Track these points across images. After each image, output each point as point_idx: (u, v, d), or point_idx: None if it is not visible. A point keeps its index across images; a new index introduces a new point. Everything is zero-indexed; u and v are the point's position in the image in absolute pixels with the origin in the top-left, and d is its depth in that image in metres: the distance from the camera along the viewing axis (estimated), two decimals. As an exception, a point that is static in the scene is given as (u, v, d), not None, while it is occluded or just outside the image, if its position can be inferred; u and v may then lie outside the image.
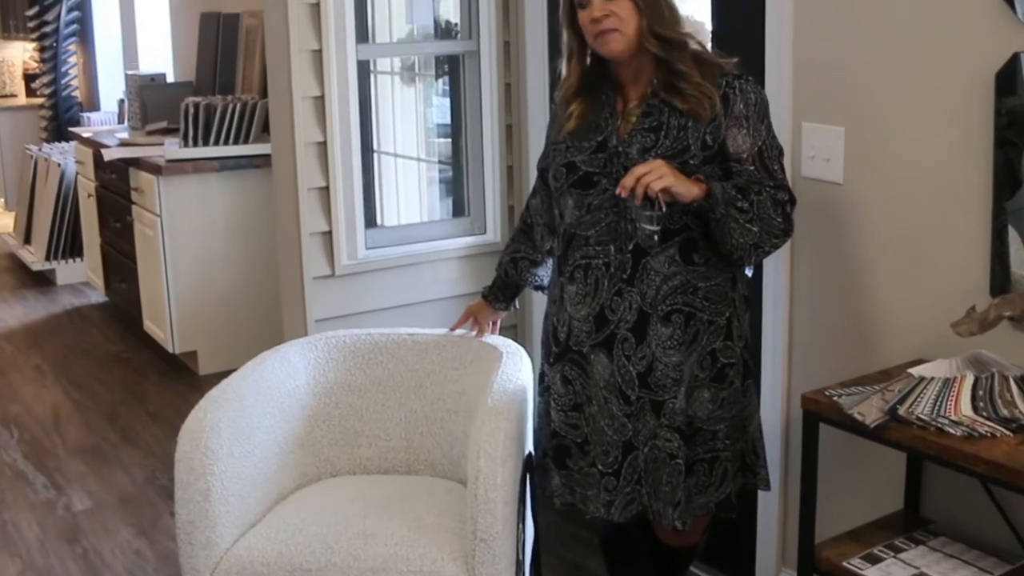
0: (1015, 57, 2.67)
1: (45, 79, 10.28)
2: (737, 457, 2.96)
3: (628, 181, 2.66)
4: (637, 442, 2.87)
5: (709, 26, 3.61)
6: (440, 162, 5.10)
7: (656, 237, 2.75)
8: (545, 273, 3.24)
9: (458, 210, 4.62)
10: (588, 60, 2.91)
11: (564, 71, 2.97)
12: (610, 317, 2.86)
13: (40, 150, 8.61)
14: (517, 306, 3.46)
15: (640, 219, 2.74)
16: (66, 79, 10.25)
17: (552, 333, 3.02)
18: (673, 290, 2.81)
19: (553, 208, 3.05)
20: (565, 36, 2.92)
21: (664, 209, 2.69)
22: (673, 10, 2.82)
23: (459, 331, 3.51)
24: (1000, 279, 2.77)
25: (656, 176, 2.64)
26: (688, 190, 2.68)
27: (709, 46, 2.99)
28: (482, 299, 3.45)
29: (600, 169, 2.85)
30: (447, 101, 4.73)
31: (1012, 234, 2.74)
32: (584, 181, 2.87)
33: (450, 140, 4.70)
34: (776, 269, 3.37)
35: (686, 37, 2.81)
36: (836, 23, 3.13)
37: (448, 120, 4.70)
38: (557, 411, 3.01)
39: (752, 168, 2.78)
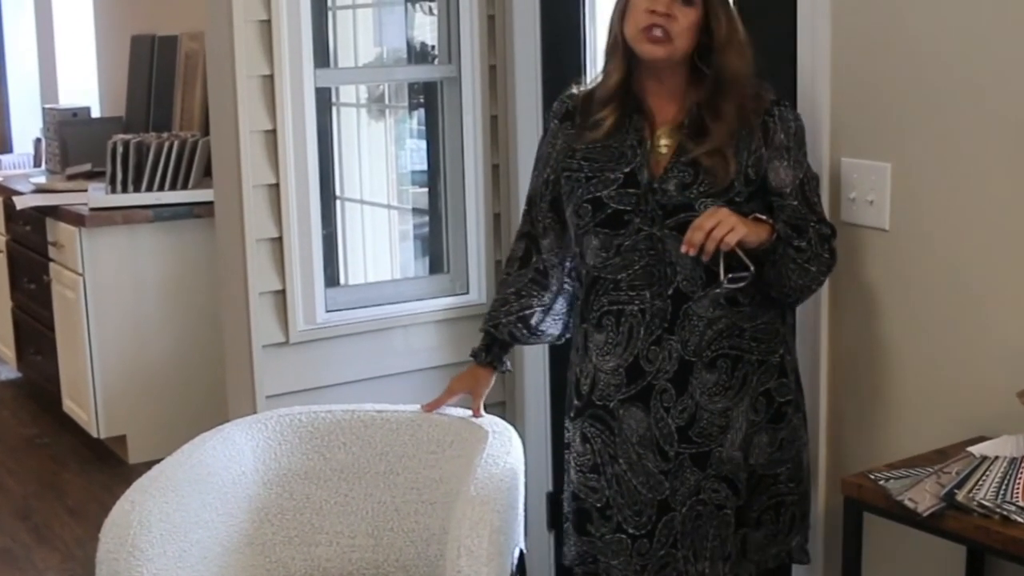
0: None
1: (-53, 115, 10.32)
2: (804, 499, 3.09)
3: (696, 238, 2.73)
4: (674, 502, 2.96)
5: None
6: (414, 209, 5.13)
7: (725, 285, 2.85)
8: (553, 323, 3.27)
9: (436, 266, 4.64)
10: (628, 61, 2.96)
11: (603, 67, 3.02)
12: (646, 368, 2.94)
13: (-59, 199, 8.64)
14: (510, 366, 3.47)
15: (726, 280, 2.83)
16: (-28, 115, 10.30)
17: (575, 385, 3.10)
18: (718, 335, 2.92)
19: (567, 244, 3.12)
20: (612, 25, 2.96)
21: (752, 269, 2.81)
22: (742, 40, 2.92)
23: (456, 411, 3.48)
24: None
25: (727, 229, 2.72)
26: (758, 235, 2.80)
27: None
28: (478, 366, 3.42)
29: (632, 207, 2.91)
30: (422, 138, 4.76)
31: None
32: (613, 220, 2.93)
33: (426, 183, 4.72)
34: (813, 331, 3.38)
35: (743, 74, 2.90)
36: (881, 43, 3.16)
37: (423, 160, 4.73)
38: (576, 471, 3.09)
39: (795, 203, 2.88)
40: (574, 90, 3.14)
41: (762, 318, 2.98)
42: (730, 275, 2.81)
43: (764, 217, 2.84)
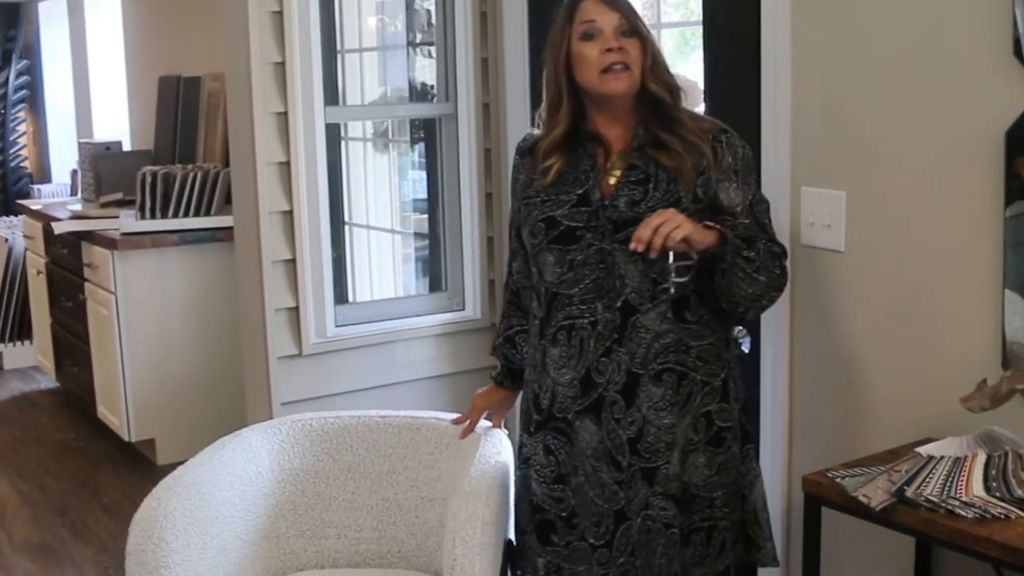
0: (1026, 114, 2.71)
1: (-8, 149, 10.32)
2: (736, 527, 2.96)
3: (644, 233, 2.66)
4: (629, 512, 2.88)
5: (701, 85, 3.66)
6: (416, 234, 5.13)
7: (672, 290, 2.79)
8: None
9: (435, 285, 4.64)
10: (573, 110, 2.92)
11: (544, 120, 2.99)
12: (597, 379, 2.87)
13: (-14, 225, 8.63)
14: None
15: (667, 272, 2.76)
16: (15, 148, 10.30)
17: (533, 400, 3.02)
18: (665, 348, 2.84)
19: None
20: (553, 82, 2.93)
21: (695, 257, 2.73)
22: (664, 60, 2.90)
23: (483, 424, 3.39)
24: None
25: (674, 225, 2.65)
26: (704, 237, 2.71)
27: (703, 107, 3.03)
28: (497, 386, 3.34)
29: (584, 223, 2.87)
30: (423, 169, 4.77)
31: (1022, 303, 2.77)
32: (566, 237, 2.88)
33: (426, 210, 4.72)
34: (775, 343, 3.39)
35: (679, 87, 2.89)
36: (836, 81, 3.18)
37: (424, 189, 4.73)
38: (539, 483, 3.00)
39: (746, 221, 2.84)
40: (533, 131, 3.10)
41: (708, 339, 2.88)
42: (675, 264, 2.72)
43: (713, 224, 2.76)
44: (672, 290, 2.79)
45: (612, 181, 2.88)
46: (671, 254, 2.71)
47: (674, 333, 2.84)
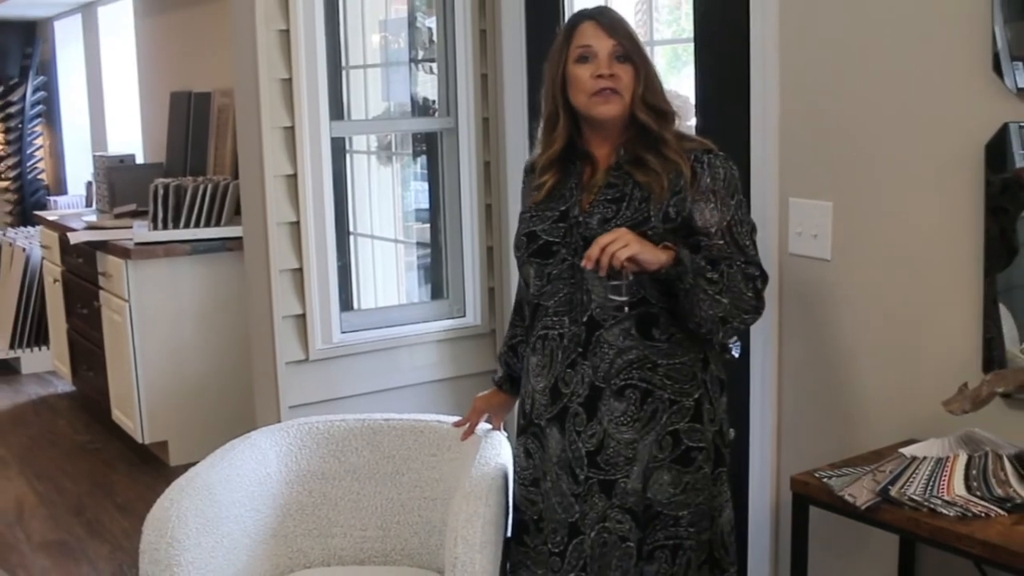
0: (1004, 127, 2.72)
1: (10, 162, 10.33)
2: (703, 548, 2.89)
3: (593, 252, 2.65)
4: (583, 526, 2.84)
5: (693, 100, 3.66)
6: (418, 243, 5.13)
7: (625, 308, 2.75)
8: None
9: (437, 292, 4.64)
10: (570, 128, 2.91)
11: (542, 138, 2.98)
12: (563, 390, 2.86)
13: (4, 235, 8.62)
14: None
15: (607, 290, 2.72)
16: (32, 161, 10.31)
17: (520, 405, 3.04)
18: (628, 364, 2.80)
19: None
20: (551, 100, 2.92)
21: (631, 277, 2.68)
22: (661, 84, 2.87)
23: (483, 426, 3.39)
24: (992, 355, 2.80)
25: (620, 244, 2.62)
26: (655, 257, 2.66)
27: (694, 121, 3.01)
28: (497, 389, 3.33)
29: (560, 239, 2.87)
30: (425, 181, 4.77)
31: (1003, 309, 2.77)
32: (544, 251, 2.89)
33: (428, 220, 4.73)
34: (764, 348, 3.39)
35: (673, 111, 2.86)
36: (823, 96, 3.18)
37: (426, 200, 4.73)
38: (518, 485, 3.02)
39: (721, 243, 2.77)
40: (538, 149, 3.06)
41: (679, 358, 2.81)
42: (611, 283, 2.67)
43: (671, 245, 2.70)
44: (619, 306, 2.74)
45: (590, 199, 2.86)
46: (620, 274, 2.66)
47: (638, 350, 2.80)
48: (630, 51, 2.82)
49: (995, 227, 2.76)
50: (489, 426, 3.36)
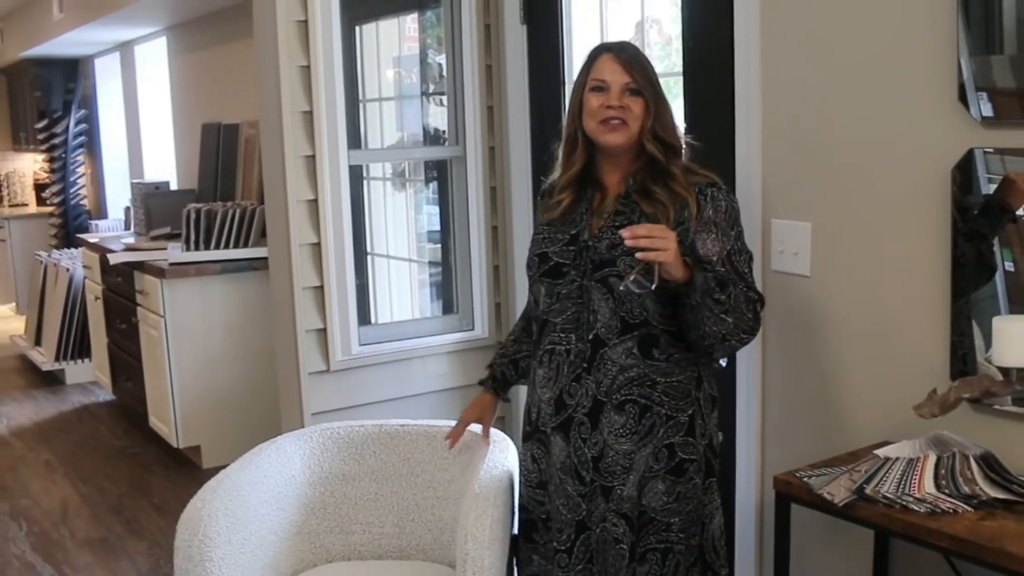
0: (970, 153, 2.72)
1: (55, 188, 10.37)
2: (692, 552, 2.87)
3: (641, 231, 2.57)
4: (590, 522, 2.85)
5: (682, 125, 3.65)
6: (430, 262, 5.14)
7: (637, 298, 2.71)
8: None
9: (447, 308, 4.64)
10: (587, 152, 2.89)
11: (562, 159, 2.95)
12: (568, 401, 2.85)
13: (50, 256, 8.65)
14: (509, 397, 3.40)
15: (632, 274, 2.60)
16: (75, 188, 10.35)
17: (527, 413, 3.02)
18: (629, 381, 2.78)
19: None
20: (571, 123, 2.90)
21: (656, 282, 2.58)
22: (673, 119, 2.86)
23: (472, 427, 3.37)
24: (960, 364, 2.81)
25: (663, 246, 2.55)
26: (679, 270, 2.61)
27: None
28: (484, 393, 3.30)
29: (570, 261, 2.86)
30: (436, 205, 4.78)
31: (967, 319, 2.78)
32: (554, 271, 2.87)
33: (439, 241, 4.73)
34: (748, 358, 3.39)
35: (681, 146, 2.86)
36: (803, 125, 3.19)
37: (437, 223, 4.74)
38: (526, 487, 3.01)
39: (723, 270, 2.72)
40: (553, 176, 3.05)
41: (676, 376, 2.80)
42: (636, 277, 2.58)
43: (689, 262, 2.66)
44: (635, 295, 2.68)
45: (599, 224, 2.85)
46: (649, 266, 2.58)
47: (639, 368, 2.78)
48: (642, 86, 2.80)
49: (962, 245, 2.77)
50: (479, 427, 3.34)
